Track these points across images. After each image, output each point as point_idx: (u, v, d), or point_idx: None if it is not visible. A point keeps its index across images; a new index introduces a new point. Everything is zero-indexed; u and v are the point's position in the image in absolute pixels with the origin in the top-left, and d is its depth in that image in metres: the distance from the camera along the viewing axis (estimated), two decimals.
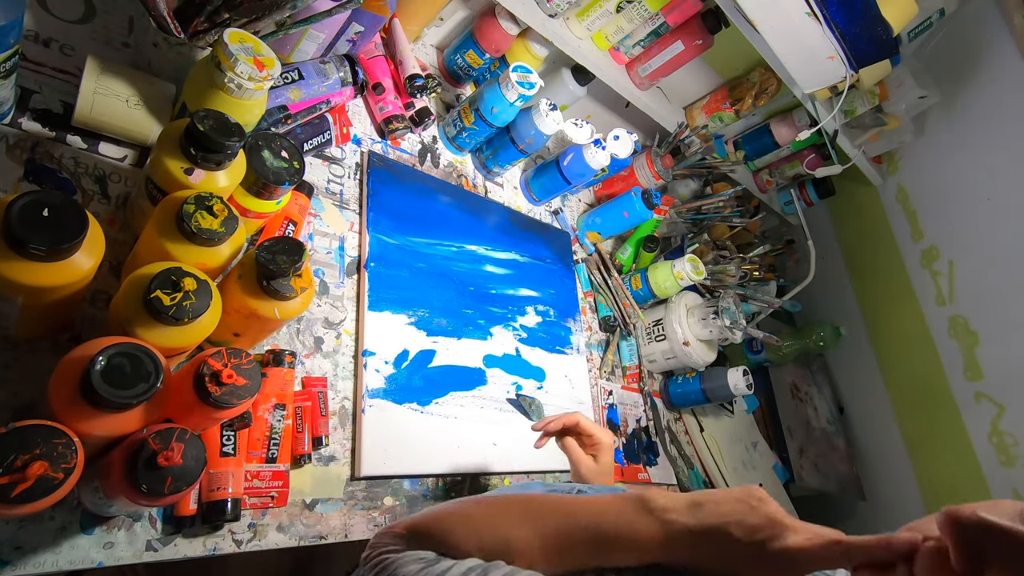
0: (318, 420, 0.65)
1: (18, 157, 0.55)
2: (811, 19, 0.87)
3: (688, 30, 0.98)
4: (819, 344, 1.40)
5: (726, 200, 1.22)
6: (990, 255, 1.30)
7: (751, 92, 1.15)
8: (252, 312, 0.52)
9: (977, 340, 1.32)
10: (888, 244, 1.51)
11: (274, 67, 0.55)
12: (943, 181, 1.39)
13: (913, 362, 1.45)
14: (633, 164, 1.16)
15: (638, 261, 1.20)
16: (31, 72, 0.58)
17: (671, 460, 1.10)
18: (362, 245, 0.79)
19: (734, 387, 1.06)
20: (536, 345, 0.95)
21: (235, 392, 0.44)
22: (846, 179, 1.49)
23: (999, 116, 1.28)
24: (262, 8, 0.61)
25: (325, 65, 0.75)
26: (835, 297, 1.63)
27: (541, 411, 0.89)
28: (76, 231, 0.40)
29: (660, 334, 1.12)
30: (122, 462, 0.40)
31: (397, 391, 0.74)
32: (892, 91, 1.24)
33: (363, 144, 0.86)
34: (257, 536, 0.58)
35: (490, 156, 0.99)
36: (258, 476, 0.58)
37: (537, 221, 1.07)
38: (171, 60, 0.62)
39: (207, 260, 0.49)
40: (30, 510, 0.36)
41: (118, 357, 0.40)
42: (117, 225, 0.59)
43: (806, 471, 1.35)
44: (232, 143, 0.49)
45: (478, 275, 0.92)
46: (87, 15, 0.63)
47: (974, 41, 1.29)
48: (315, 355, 0.69)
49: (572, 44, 0.94)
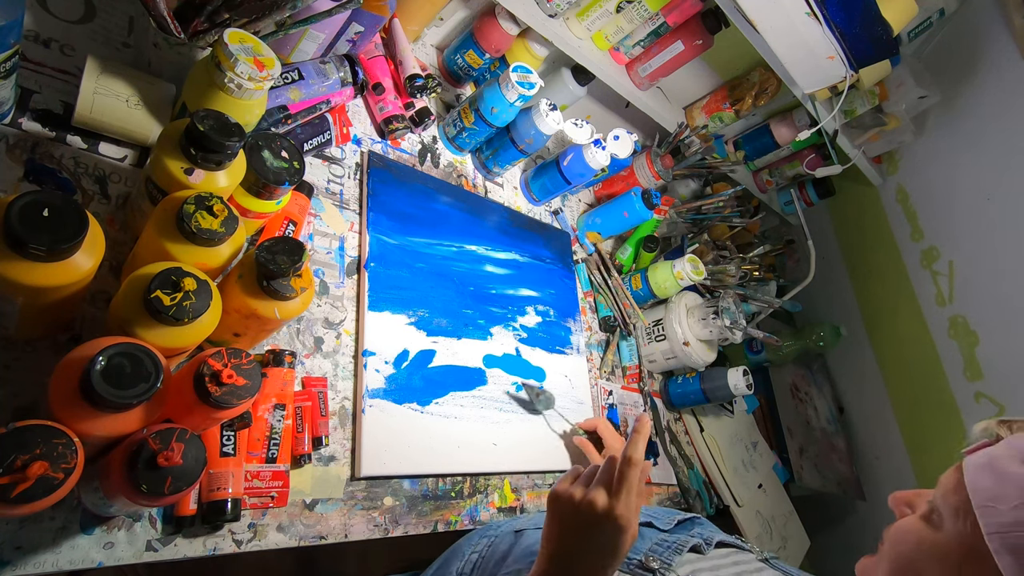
0: (318, 420, 0.65)
1: (18, 157, 0.55)
2: (811, 19, 0.87)
3: (688, 30, 0.98)
4: (819, 344, 1.40)
5: (726, 200, 1.22)
6: (990, 255, 1.30)
7: (751, 92, 1.15)
8: (252, 312, 0.52)
9: (977, 340, 1.32)
10: (888, 244, 1.51)
11: (274, 67, 0.55)
12: (943, 181, 1.39)
13: (913, 362, 1.45)
14: (633, 164, 1.16)
15: (638, 261, 1.20)
16: (31, 72, 0.58)
17: (671, 460, 1.10)
18: (362, 245, 0.79)
19: (734, 387, 1.06)
20: (536, 345, 0.95)
21: (235, 392, 0.44)
22: (846, 179, 1.49)
23: (999, 116, 1.28)
24: (262, 8, 0.61)
25: (325, 65, 0.75)
26: (835, 297, 1.63)
27: (551, 402, 0.88)
28: (76, 231, 0.40)
29: (660, 334, 1.12)
30: (122, 462, 0.40)
31: (397, 391, 0.74)
32: (892, 91, 1.24)
33: (363, 144, 0.86)
34: (257, 536, 0.58)
35: (490, 156, 0.99)
36: (258, 476, 0.58)
37: (537, 221, 1.07)
38: (171, 60, 0.62)
39: (207, 260, 0.49)
40: (30, 510, 0.36)
41: (118, 357, 0.40)
42: (117, 225, 0.59)
43: (806, 471, 1.35)
44: (232, 143, 0.49)
45: (478, 275, 0.92)
46: (87, 15, 0.63)
47: (974, 41, 1.29)
48: (315, 355, 0.69)
49: (572, 44, 0.94)
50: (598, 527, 0.46)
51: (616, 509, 0.46)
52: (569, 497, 0.48)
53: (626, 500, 0.46)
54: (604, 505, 0.46)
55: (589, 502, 0.47)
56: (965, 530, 0.35)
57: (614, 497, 0.46)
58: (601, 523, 0.46)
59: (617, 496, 0.46)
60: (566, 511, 0.48)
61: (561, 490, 0.50)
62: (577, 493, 0.48)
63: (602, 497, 0.47)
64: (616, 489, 0.47)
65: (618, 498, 0.46)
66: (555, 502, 0.49)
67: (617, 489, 0.47)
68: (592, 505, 0.46)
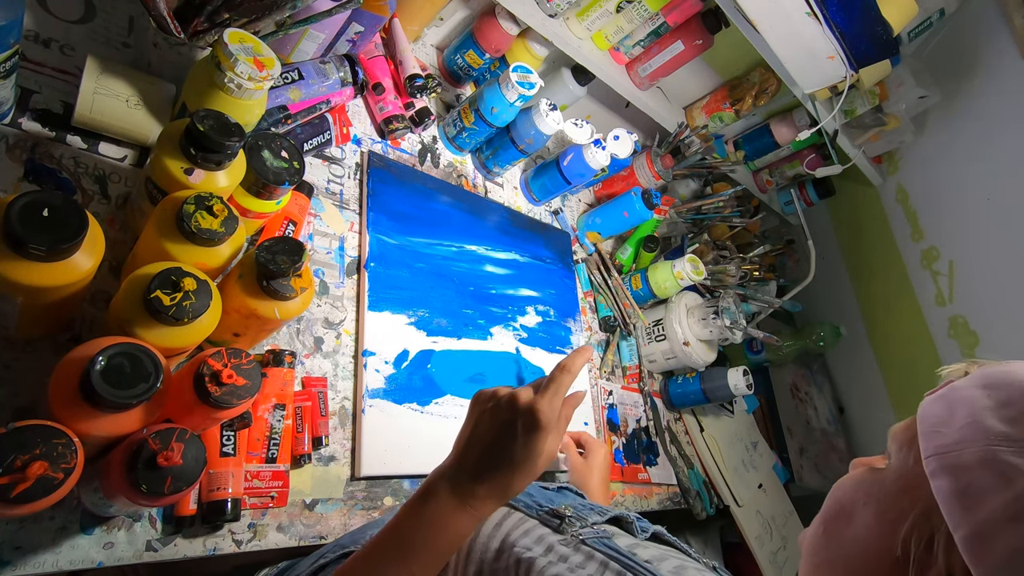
0: (318, 420, 0.65)
1: (18, 157, 0.55)
2: (811, 19, 0.87)
3: (688, 30, 0.98)
4: (819, 344, 1.40)
5: (726, 200, 1.22)
6: (990, 255, 1.30)
7: (751, 92, 1.15)
8: (252, 312, 0.52)
9: (977, 340, 1.32)
10: (888, 244, 1.51)
11: (274, 67, 0.55)
12: (943, 181, 1.39)
13: (913, 362, 1.45)
14: (633, 164, 1.16)
15: (638, 261, 1.20)
16: (31, 72, 0.58)
17: (671, 460, 1.10)
18: (362, 245, 0.79)
19: (734, 387, 1.06)
20: (536, 345, 0.95)
21: (235, 392, 0.44)
22: (846, 179, 1.49)
23: (999, 116, 1.28)
24: (262, 8, 0.61)
25: (325, 65, 0.75)
26: (835, 297, 1.63)
27: None
28: (76, 231, 0.40)
29: (660, 334, 1.12)
30: (122, 462, 0.40)
31: (397, 391, 0.74)
32: (892, 91, 1.24)
33: (363, 144, 0.86)
34: (257, 536, 0.58)
35: (490, 156, 0.99)
36: (258, 476, 0.58)
37: (537, 221, 1.07)
38: (171, 60, 0.62)
39: (207, 260, 0.49)
40: (30, 510, 0.36)
41: (118, 357, 0.40)
42: (117, 225, 0.59)
43: (806, 471, 1.35)
44: (232, 143, 0.49)
45: (478, 275, 0.92)
46: (87, 15, 0.63)
47: (974, 41, 1.29)
48: (315, 355, 0.69)
49: (572, 44, 0.94)
50: (514, 421, 0.41)
51: (538, 404, 0.41)
52: (492, 393, 0.44)
53: (551, 400, 0.42)
54: (527, 399, 0.41)
55: (511, 395, 0.42)
56: (907, 463, 0.32)
57: (540, 394, 0.42)
58: (519, 416, 0.41)
59: (543, 394, 0.42)
60: (485, 406, 0.43)
61: (486, 389, 0.45)
62: (502, 391, 0.44)
63: (526, 393, 0.42)
64: (544, 387, 0.43)
65: (543, 395, 0.42)
66: (476, 398, 0.45)
67: (545, 387, 0.42)
68: (514, 398, 0.42)
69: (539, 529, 0.44)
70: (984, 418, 0.28)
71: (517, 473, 0.40)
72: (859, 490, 0.34)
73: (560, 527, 0.43)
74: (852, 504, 0.34)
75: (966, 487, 0.27)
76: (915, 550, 0.29)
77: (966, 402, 0.30)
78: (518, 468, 0.40)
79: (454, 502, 0.40)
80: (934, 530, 0.29)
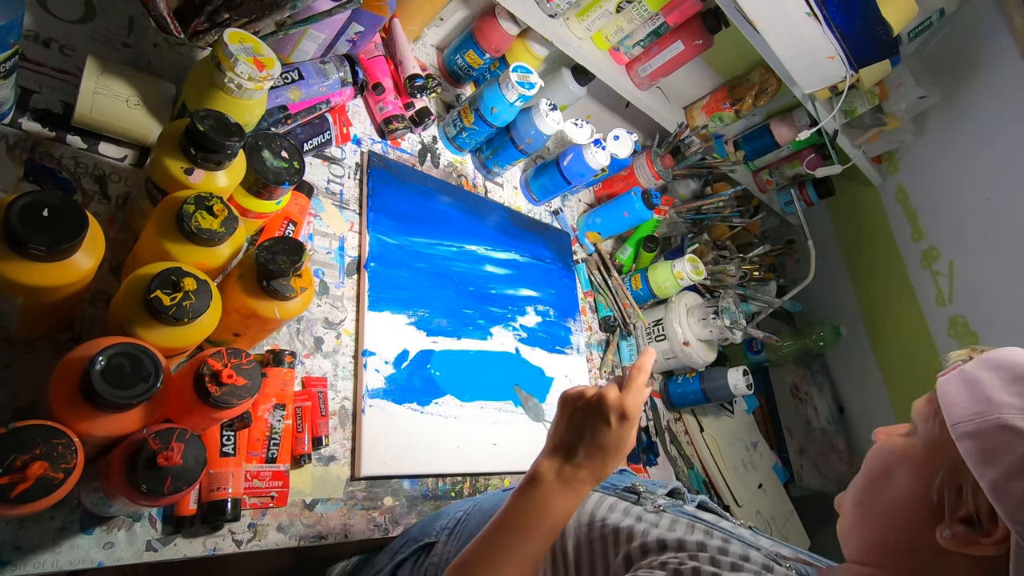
0: (318, 420, 0.65)
1: (18, 157, 0.55)
2: (811, 19, 0.87)
3: (688, 30, 0.98)
4: (819, 344, 1.40)
5: (726, 200, 1.22)
6: (990, 255, 1.30)
7: (751, 92, 1.15)
8: (252, 312, 0.52)
9: (977, 340, 1.32)
10: (888, 244, 1.51)
11: (274, 67, 0.55)
12: (943, 181, 1.39)
13: (913, 362, 1.45)
14: (633, 164, 1.16)
15: (638, 261, 1.20)
16: (31, 72, 0.58)
17: (671, 460, 1.10)
18: (362, 245, 0.79)
19: (734, 387, 1.06)
20: (536, 345, 0.95)
21: (235, 392, 0.44)
22: (846, 179, 1.49)
23: (999, 116, 1.27)
24: (262, 8, 0.61)
25: (325, 65, 0.75)
26: (835, 297, 1.62)
27: (540, 413, 0.88)
28: (76, 231, 0.40)
29: (660, 334, 1.12)
30: (122, 462, 0.40)
31: (397, 391, 0.74)
32: (892, 91, 1.24)
33: (363, 144, 0.86)
34: (257, 536, 0.58)
35: (490, 156, 0.99)
36: (258, 476, 0.58)
37: (537, 221, 1.07)
38: (171, 60, 0.62)
39: (207, 260, 0.49)
40: (30, 510, 0.36)
41: (118, 357, 0.40)
42: (117, 225, 0.59)
43: (806, 471, 1.35)
44: (232, 143, 0.49)
45: (478, 275, 0.92)
46: (87, 15, 0.63)
47: (974, 41, 1.29)
48: (315, 355, 0.69)
49: (572, 44, 0.94)
50: (606, 418, 0.47)
51: (626, 400, 0.47)
52: (580, 393, 0.50)
53: (635, 396, 0.48)
54: (615, 397, 0.48)
55: (600, 395, 0.48)
56: (934, 430, 0.39)
57: (624, 391, 0.48)
58: (611, 411, 0.47)
59: (627, 391, 0.48)
60: (576, 404, 0.50)
61: (571, 389, 0.51)
62: (588, 390, 0.50)
63: (613, 391, 0.48)
64: (627, 386, 0.48)
65: (628, 392, 0.48)
66: (565, 398, 0.51)
67: (628, 386, 0.48)
68: (603, 398, 0.48)
69: (621, 503, 0.51)
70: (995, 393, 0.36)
71: (611, 458, 0.48)
72: (894, 455, 0.41)
73: (639, 500, 0.51)
74: (890, 467, 0.41)
75: (987, 447, 0.34)
76: (948, 496, 0.37)
77: (980, 382, 0.37)
78: (611, 454, 0.48)
79: (559, 485, 0.47)
80: (962, 480, 0.36)
